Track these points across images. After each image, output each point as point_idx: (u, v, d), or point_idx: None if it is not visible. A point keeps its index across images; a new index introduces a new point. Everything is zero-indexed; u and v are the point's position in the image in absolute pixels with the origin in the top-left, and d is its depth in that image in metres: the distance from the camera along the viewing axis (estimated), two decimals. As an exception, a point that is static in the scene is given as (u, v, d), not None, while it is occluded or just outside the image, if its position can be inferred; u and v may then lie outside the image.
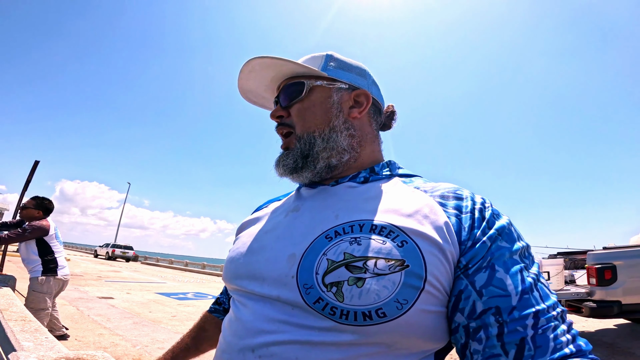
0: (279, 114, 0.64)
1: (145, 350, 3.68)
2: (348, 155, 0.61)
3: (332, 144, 0.60)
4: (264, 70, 0.64)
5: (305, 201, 0.62)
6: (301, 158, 0.60)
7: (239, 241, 0.63)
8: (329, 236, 0.49)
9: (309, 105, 0.62)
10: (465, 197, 0.52)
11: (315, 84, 0.63)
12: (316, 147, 0.60)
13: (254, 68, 0.63)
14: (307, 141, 0.60)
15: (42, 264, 3.36)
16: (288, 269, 0.49)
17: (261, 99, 0.72)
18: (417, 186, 0.58)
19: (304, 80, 0.63)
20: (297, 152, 0.61)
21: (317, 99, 0.62)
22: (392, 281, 0.43)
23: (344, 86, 0.64)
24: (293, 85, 0.63)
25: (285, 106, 0.64)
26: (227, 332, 0.54)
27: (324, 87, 0.63)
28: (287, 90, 0.64)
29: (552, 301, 0.44)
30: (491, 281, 0.43)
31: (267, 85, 0.68)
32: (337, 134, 0.61)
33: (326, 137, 0.60)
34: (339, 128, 0.61)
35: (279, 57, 0.60)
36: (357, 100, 0.64)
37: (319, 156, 0.60)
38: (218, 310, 0.82)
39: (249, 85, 0.68)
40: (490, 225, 0.48)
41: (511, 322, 0.41)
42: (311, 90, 0.63)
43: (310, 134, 0.61)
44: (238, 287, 0.56)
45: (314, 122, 0.61)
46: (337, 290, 0.43)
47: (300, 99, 0.63)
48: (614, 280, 4.09)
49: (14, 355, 0.95)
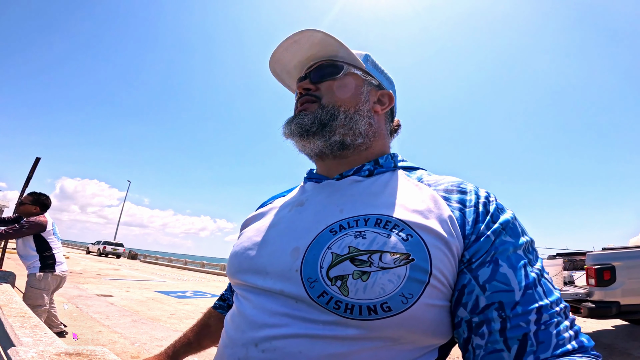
0: (307, 86, 0.64)
1: (143, 348, 3.68)
2: (362, 139, 0.62)
3: (352, 123, 0.61)
4: (308, 46, 0.63)
5: (310, 196, 0.62)
6: (319, 123, 0.60)
7: (243, 236, 0.63)
8: (334, 230, 0.49)
9: (341, 85, 0.63)
10: (469, 191, 0.52)
11: (352, 71, 0.65)
12: (337, 120, 0.60)
13: (300, 40, 0.62)
14: (330, 111, 0.61)
15: (39, 260, 3.33)
16: (292, 263, 0.49)
17: (286, 74, 0.71)
18: (421, 179, 0.58)
19: (344, 64, 0.64)
20: (317, 116, 0.60)
21: (350, 83, 0.64)
22: (398, 275, 0.42)
23: (374, 82, 0.67)
24: (331, 66, 0.64)
25: (315, 81, 0.64)
26: (230, 327, 0.53)
27: (359, 76, 0.65)
28: (323, 69, 0.64)
29: (556, 297, 0.43)
30: (495, 276, 0.43)
31: (300, 62, 0.68)
32: (359, 117, 0.62)
33: (349, 116, 0.61)
34: (363, 113, 0.63)
35: (331, 35, 0.60)
36: (381, 99, 0.68)
37: (336, 130, 0.60)
38: (222, 306, 0.82)
39: (284, 57, 0.67)
40: (494, 219, 0.48)
41: (514, 318, 0.41)
42: (347, 74, 0.64)
43: (335, 107, 0.61)
44: (241, 281, 0.56)
45: (342, 98, 0.62)
46: (341, 284, 0.43)
47: (335, 78, 0.63)
48: (613, 281, 4.09)
49: (13, 350, 0.94)
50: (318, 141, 0.61)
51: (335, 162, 0.64)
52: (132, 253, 27.63)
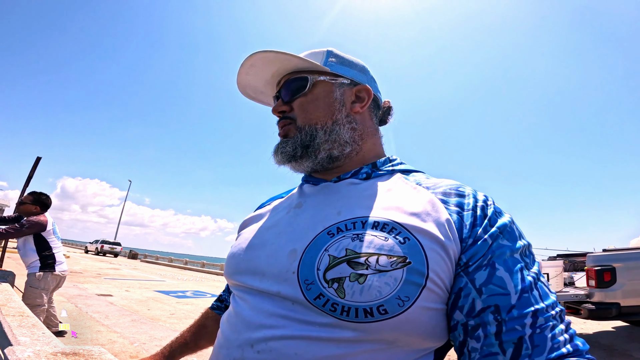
0: (281, 108, 0.64)
1: (142, 348, 3.68)
2: (350, 147, 0.62)
3: (334, 136, 0.60)
4: (266, 65, 0.63)
5: (308, 198, 0.62)
6: (301, 147, 0.60)
7: (241, 237, 0.63)
8: (331, 232, 0.49)
9: (312, 99, 0.62)
10: (467, 195, 0.52)
11: (319, 79, 0.63)
12: (317, 138, 0.60)
13: (255, 63, 0.62)
14: (308, 132, 0.60)
15: (39, 260, 3.33)
16: (289, 265, 0.49)
17: (260, 94, 0.71)
18: (419, 182, 0.58)
19: (307, 75, 0.63)
20: (297, 141, 0.60)
21: (320, 94, 0.62)
22: (394, 278, 0.42)
23: (346, 81, 0.64)
24: (296, 80, 0.63)
25: (287, 101, 0.64)
26: (226, 327, 0.53)
27: (327, 82, 0.63)
28: (289, 85, 0.63)
29: (551, 300, 0.43)
30: (491, 279, 0.43)
31: (267, 81, 0.67)
32: (340, 127, 0.61)
33: (328, 130, 0.60)
34: (342, 121, 0.62)
35: (282, 52, 0.59)
36: (358, 95, 0.65)
37: (320, 147, 0.60)
38: (220, 307, 0.82)
39: (249, 80, 0.67)
40: (492, 223, 0.48)
41: (510, 321, 0.41)
42: (314, 85, 0.62)
43: (312, 126, 0.60)
44: (238, 282, 0.56)
45: (317, 115, 0.61)
46: (338, 287, 0.43)
47: (304, 94, 0.62)
48: (613, 283, 4.09)
49: (10, 349, 0.94)
50: (306, 162, 0.61)
51: (329, 172, 0.64)
52: (132, 253, 27.67)
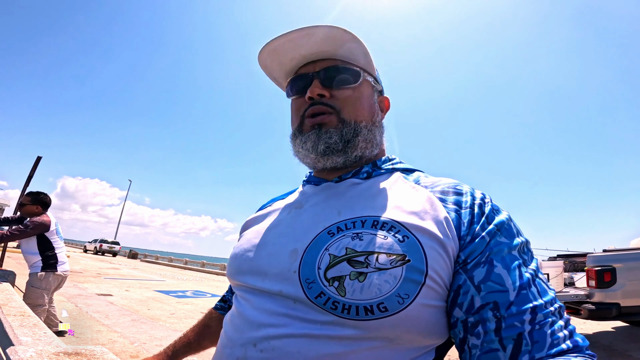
0: (322, 92, 0.59)
1: (143, 348, 3.68)
2: (377, 150, 0.63)
3: (371, 137, 0.61)
4: (322, 42, 0.58)
5: (309, 198, 0.62)
6: (344, 141, 0.58)
7: (243, 238, 0.63)
8: (331, 232, 0.50)
9: (359, 96, 0.61)
10: (465, 193, 0.53)
11: (367, 79, 0.63)
12: (360, 136, 0.59)
13: (315, 34, 0.57)
14: (353, 128, 0.59)
15: (42, 260, 3.33)
16: (290, 264, 0.49)
17: (277, 65, 0.64)
18: (417, 181, 0.58)
19: (360, 70, 0.62)
20: (342, 134, 0.58)
21: (365, 93, 0.63)
22: (394, 276, 0.43)
23: (379, 88, 0.68)
24: (346, 70, 0.60)
25: (329, 86, 0.60)
26: (229, 327, 0.54)
27: (371, 84, 0.65)
28: (337, 73, 0.60)
29: (550, 297, 0.44)
30: (489, 276, 0.44)
31: (302, 55, 0.62)
32: (377, 130, 0.63)
33: (369, 130, 0.61)
34: (378, 124, 0.64)
35: (359, 40, 0.58)
36: (380, 104, 0.68)
37: (358, 145, 0.59)
38: (224, 307, 0.83)
39: (285, 47, 0.60)
40: (489, 220, 0.49)
41: (509, 317, 0.41)
42: (362, 83, 0.62)
43: (358, 123, 0.60)
44: (241, 282, 0.56)
45: (362, 112, 0.61)
46: (339, 285, 0.44)
47: (352, 87, 0.61)
48: (613, 283, 4.09)
49: (12, 349, 0.94)
50: (339, 158, 0.59)
51: (332, 171, 0.63)
52: (132, 252, 27.66)
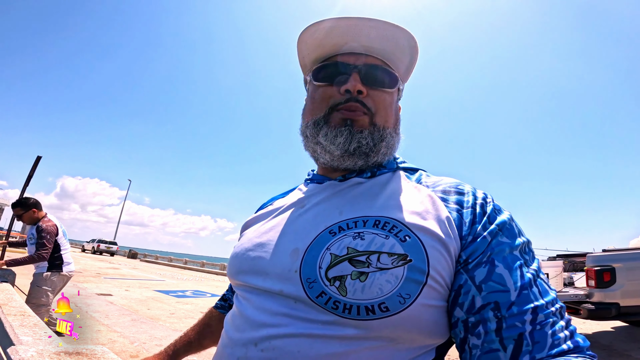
0: (361, 88, 0.56)
1: (143, 347, 3.68)
2: (392, 157, 0.63)
3: (392, 143, 0.60)
4: (379, 39, 0.57)
5: (311, 197, 0.61)
6: (372, 145, 0.57)
7: (244, 237, 0.63)
8: (333, 231, 0.49)
9: (391, 101, 0.61)
10: (466, 192, 0.53)
11: (399, 87, 0.63)
12: (384, 141, 0.58)
13: (378, 29, 0.56)
14: (381, 133, 0.58)
15: (48, 261, 3.36)
16: (291, 264, 0.49)
17: (317, 44, 0.60)
18: (419, 180, 0.58)
19: (398, 76, 0.61)
20: (374, 138, 0.57)
21: (394, 99, 0.63)
22: (395, 275, 0.43)
23: (400, 98, 0.67)
24: (389, 73, 0.60)
25: (367, 84, 0.58)
26: (230, 327, 0.54)
27: (398, 92, 0.64)
28: (379, 73, 0.59)
29: (551, 297, 0.44)
30: (491, 276, 0.43)
31: (349, 45, 0.59)
32: (397, 137, 0.62)
33: (391, 136, 0.60)
34: (398, 132, 0.64)
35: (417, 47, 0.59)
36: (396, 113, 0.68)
37: (380, 151, 0.58)
38: (224, 306, 0.83)
39: (339, 30, 0.57)
40: (491, 220, 0.48)
41: (510, 318, 0.41)
42: (395, 90, 0.62)
43: (386, 128, 0.59)
44: (242, 282, 0.56)
45: (390, 118, 0.61)
46: (340, 285, 0.43)
47: (387, 91, 0.60)
48: (613, 283, 4.09)
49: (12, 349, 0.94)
50: (360, 161, 0.57)
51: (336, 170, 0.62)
52: (132, 252, 27.68)
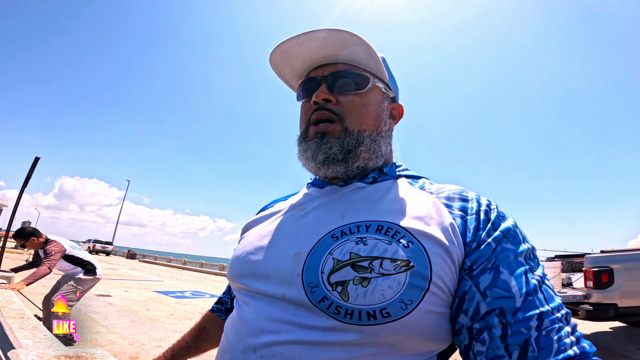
0: (327, 96, 0.57)
1: (142, 349, 3.67)
2: (381, 160, 0.61)
3: (375, 147, 0.59)
4: (331, 46, 0.57)
5: (313, 201, 0.61)
6: (345, 152, 0.57)
7: (245, 240, 0.62)
8: (335, 236, 0.49)
9: (366, 103, 0.59)
10: (470, 199, 0.52)
11: (376, 84, 0.60)
12: (362, 146, 0.57)
13: (327, 38, 0.56)
14: (356, 138, 0.57)
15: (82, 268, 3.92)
16: (293, 268, 0.49)
17: (288, 67, 0.63)
18: (423, 187, 0.58)
19: (370, 76, 0.59)
20: (344, 145, 0.56)
21: (373, 100, 0.60)
22: (397, 281, 0.43)
23: (391, 95, 0.65)
24: (356, 75, 0.59)
25: (335, 92, 0.58)
26: (230, 332, 0.53)
27: (381, 91, 0.62)
28: (345, 77, 0.58)
29: (557, 303, 0.43)
30: (495, 283, 0.43)
31: (312, 59, 0.60)
32: (382, 140, 0.60)
33: (373, 139, 0.59)
34: (385, 134, 0.61)
35: (367, 42, 0.55)
36: (392, 112, 0.65)
37: (360, 155, 0.57)
38: (220, 309, 0.82)
39: (295, 50, 0.59)
40: (495, 227, 0.48)
41: (515, 324, 0.41)
42: (371, 89, 0.60)
43: (361, 132, 0.58)
44: (243, 285, 0.56)
45: (367, 121, 0.59)
46: (342, 290, 0.43)
47: (359, 94, 0.59)
48: (611, 284, 4.10)
49: (13, 353, 0.94)
50: (339, 168, 0.57)
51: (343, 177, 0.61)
52: (130, 252, 27.61)
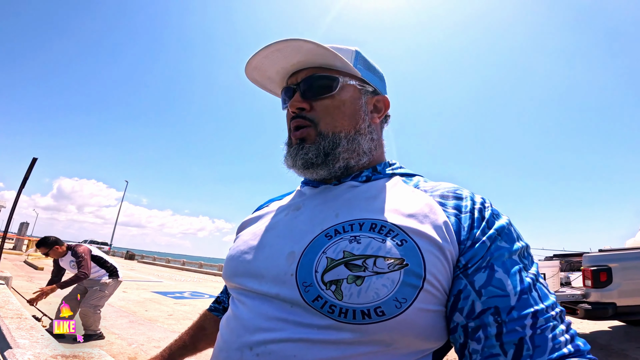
0: (301, 105, 0.59)
1: (141, 349, 3.67)
2: (366, 158, 0.61)
3: (355, 146, 0.59)
4: (293, 54, 0.58)
5: (307, 200, 0.61)
6: (322, 155, 0.57)
7: (239, 239, 0.63)
8: (329, 234, 0.49)
9: (339, 104, 0.59)
10: (464, 197, 0.52)
11: (348, 83, 0.60)
12: (340, 147, 0.58)
13: (284, 49, 0.57)
14: (332, 140, 0.58)
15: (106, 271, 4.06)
16: (287, 267, 0.49)
17: (267, 79, 0.64)
18: (417, 185, 0.58)
19: (338, 75, 0.59)
20: (320, 149, 0.57)
21: (347, 99, 0.60)
22: (391, 280, 0.43)
23: (370, 89, 0.63)
24: (323, 78, 0.59)
25: (308, 98, 0.59)
26: (225, 331, 0.54)
27: (355, 88, 0.61)
28: (314, 82, 0.59)
29: (551, 301, 0.44)
30: (490, 281, 0.43)
31: (284, 68, 0.61)
32: (362, 137, 0.60)
33: (351, 139, 0.59)
34: (364, 131, 0.61)
35: (322, 46, 0.55)
36: (377, 105, 0.65)
37: (339, 156, 0.58)
38: (218, 309, 0.82)
39: (264, 64, 0.61)
40: (489, 225, 0.48)
41: (510, 322, 0.41)
42: (342, 88, 0.60)
43: (336, 134, 0.58)
44: (237, 284, 0.56)
45: (342, 122, 0.59)
46: (336, 289, 0.43)
47: (330, 96, 0.59)
48: (610, 283, 4.10)
49: (9, 352, 0.94)
50: (322, 171, 0.59)
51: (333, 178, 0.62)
52: (129, 253, 27.52)
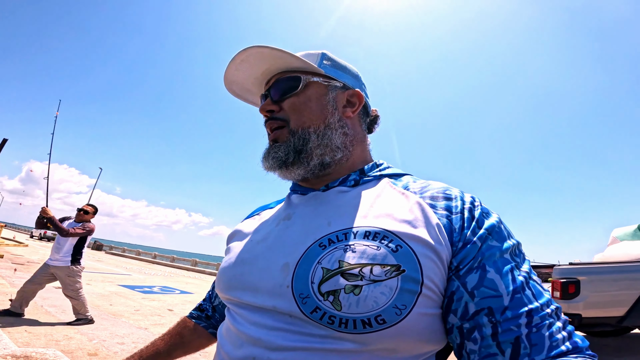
0: (270, 107, 0.62)
1: (102, 345, 3.48)
2: (341, 153, 0.61)
3: (326, 140, 0.59)
4: (258, 62, 0.61)
5: (297, 208, 0.61)
6: (294, 152, 0.58)
7: (232, 251, 0.62)
8: (323, 244, 0.49)
9: (304, 100, 0.61)
10: (454, 197, 0.52)
11: (312, 80, 0.62)
12: (310, 143, 0.58)
13: (247, 58, 0.60)
14: (301, 136, 0.59)
15: (71, 255, 4.25)
16: (282, 279, 0.48)
17: (246, 92, 0.69)
18: (406, 187, 0.57)
19: (300, 75, 0.61)
20: (290, 146, 0.58)
21: (312, 95, 0.61)
22: (389, 287, 0.42)
23: (338, 84, 0.64)
24: (288, 79, 0.61)
25: (276, 100, 0.62)
26: (225, 342, 0.53)
27: (320, 84, 0.62)
28: (280, 84, 0.62)
29: (546, 299, 0.44)
30: (482, 282, 0.44)
31: (257, 78, 0.65)
32: (332, 132, 0.60)
33: (321, 134, 0.59)
34: (334, 126, 0.61)
35: (277, 48, 0.57)
36: (350, 100, 0.65)
37: (312, 152, 0.58)
38: (200, 317, 0.78)
39: (237, 77, 0.65)
40: (480, 224, 0.48)
41: (504, 322, 0.41)
42: (307, 86, 0.61)
43: (305, 129, 0.59)
44: (232, 297, 0.55)
45: (310, 117, 0.60)
46: (334, 299, 0.43)
47: (295, 94, 0.61)
48: (577, 295, 4.27)
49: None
50: (298, 170, 0.59)
51: (318, 180, 0.63)
52: (97, 244, 26.41)
